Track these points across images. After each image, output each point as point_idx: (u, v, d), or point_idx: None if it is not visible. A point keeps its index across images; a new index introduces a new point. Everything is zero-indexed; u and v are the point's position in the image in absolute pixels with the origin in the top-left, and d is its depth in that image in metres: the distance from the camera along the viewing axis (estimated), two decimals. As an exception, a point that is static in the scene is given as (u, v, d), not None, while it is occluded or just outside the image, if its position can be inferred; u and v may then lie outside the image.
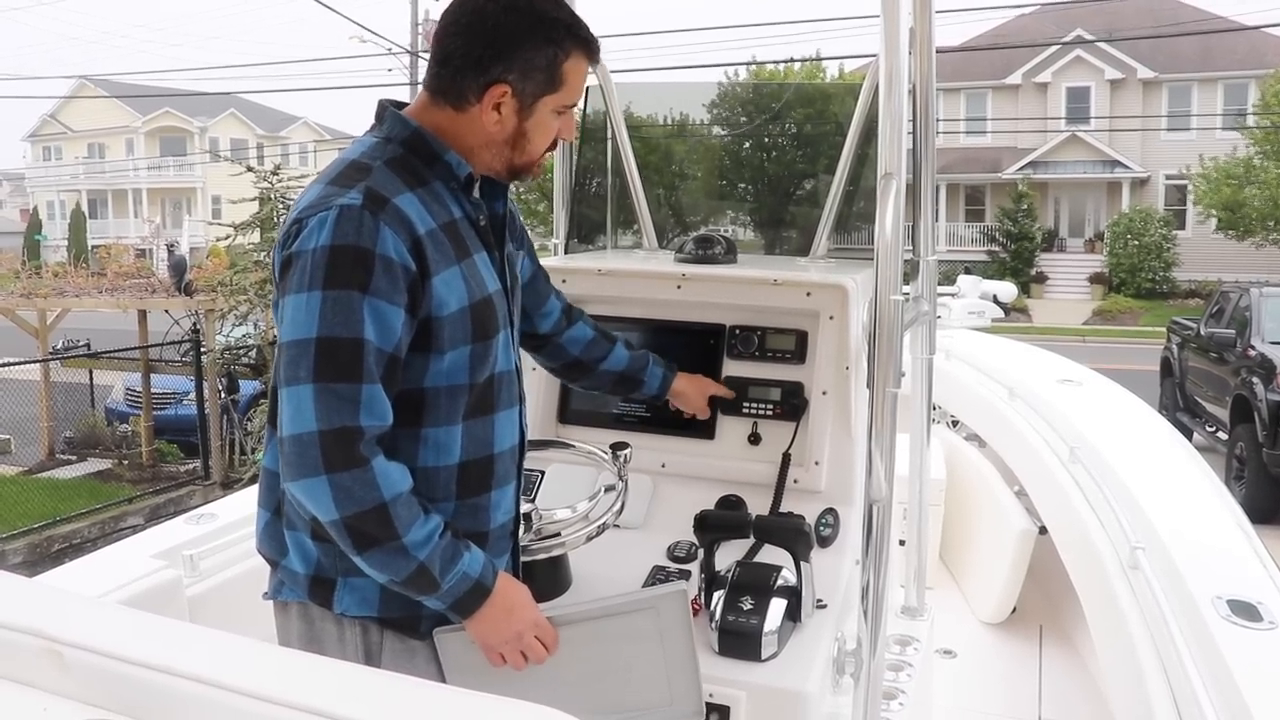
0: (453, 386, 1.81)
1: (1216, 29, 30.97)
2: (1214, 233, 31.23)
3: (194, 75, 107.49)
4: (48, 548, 10.88)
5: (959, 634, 3.71)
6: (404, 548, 1.68)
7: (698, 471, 2.57)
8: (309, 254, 1.67)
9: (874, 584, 2.00)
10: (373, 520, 1.65)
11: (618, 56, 20.75)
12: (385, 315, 1.67)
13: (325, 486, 1.64)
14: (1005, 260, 34.13)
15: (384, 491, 1.66)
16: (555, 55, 1.82)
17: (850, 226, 3.14)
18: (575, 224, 3.31)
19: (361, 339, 1.66)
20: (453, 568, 1.73)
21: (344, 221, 1.67)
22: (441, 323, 1.76)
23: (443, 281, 1.75)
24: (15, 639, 1.03)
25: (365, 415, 1.66)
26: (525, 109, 1.83)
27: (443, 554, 1.72)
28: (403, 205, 1.72)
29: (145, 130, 53.37)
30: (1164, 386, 14.61)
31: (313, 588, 1.81)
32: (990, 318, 6.65)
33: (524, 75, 1.81)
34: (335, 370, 1.65)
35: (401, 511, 1.67)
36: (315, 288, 1.66)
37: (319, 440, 1.64)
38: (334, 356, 1.65)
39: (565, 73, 1.84)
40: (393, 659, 1.81)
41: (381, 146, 1.82)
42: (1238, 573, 2.62)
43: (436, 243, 1.75)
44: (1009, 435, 3.97)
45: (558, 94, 1.85)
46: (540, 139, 1.88)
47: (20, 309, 14.96)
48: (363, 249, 1.66)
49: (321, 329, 1.65)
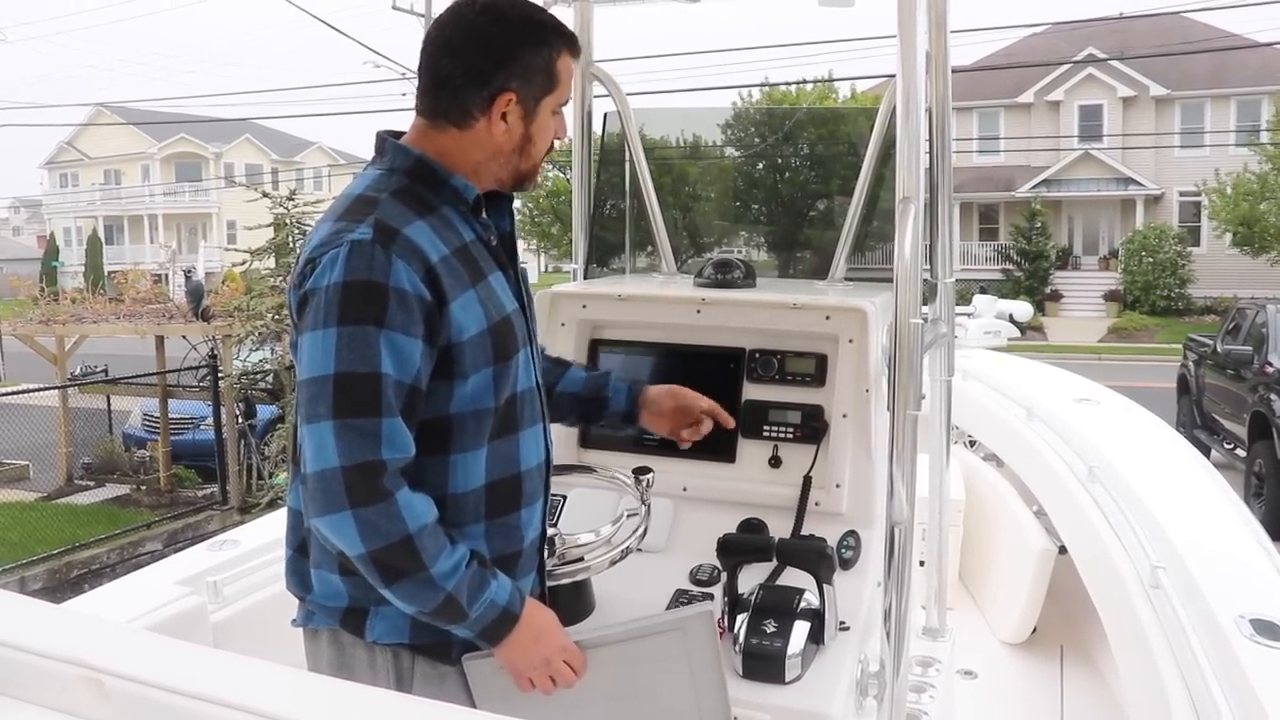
0: (479, 411, 1.82)
1: (1228, 46, 30.94)
2: (1229, 249, 31.13)
3: (209, 101, 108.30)
4: (67, 573, 10.92)
5: (980, 655, 3.69)
6: (431, 579, 1.68)
7: (719, 495, 2.57)
8: (323, 291, 1.69)
9: (896, 606, 2.01)
10: (399, 553, 1.66)
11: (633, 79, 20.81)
12: (402, 348, 1.68)
13: (351, 522, 1.65)
14: (1020, 279, 34.07)
15: (409, 524, 1.66)
16: (549, 55, 1.87)
17: (868, 247, 3.15)
18: (593, 247, 3.32)
19: (379, 373, 1.67)
20: (480, 596, 1.74)
21: (355, 257, 1.68)
22: (462, 348, 1.76)
23: (460, 307, 1.76)
24: (56, 668, 1.05)
25: (387, 449, 1.67)
26: (530, 113, 1.87)
27: (470, 583, 1.72)
28: (413, 235, 1.73)
29: (161, 156, 53.73)
30: (1181, 404, 14.55)
31: (345, 617, 1.82)
32: (1006, 337, 6.66)
33: (526, 80, 1.84)
34: (354, 406, 1.66)
35: (427, 543, 1.68)
36: (330, 324, 1.68)
37: (342, 476, 1.65)
38: (351, 392, 1.67)
39: (559, 71, 1.89)
40: (424, 685, 1.82)
41: (386, 178, 1.83)
42: (1260, 591, 2.61)
43: (450, 269, 1.76)
44: (1027, 455, 3.97)
45: (555, 93, 1.90)
46: (542, 142, 1.92)
47: (38, 335, 15.05)
48: (376, 283, 1.67)
49: (339, 365, 1.67)
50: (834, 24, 24.69)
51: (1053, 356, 20.86)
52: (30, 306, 15.86)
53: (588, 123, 3.23)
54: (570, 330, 2.78)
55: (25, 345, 15.37)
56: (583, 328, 2.80)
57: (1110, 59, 33.84)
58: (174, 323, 14.53)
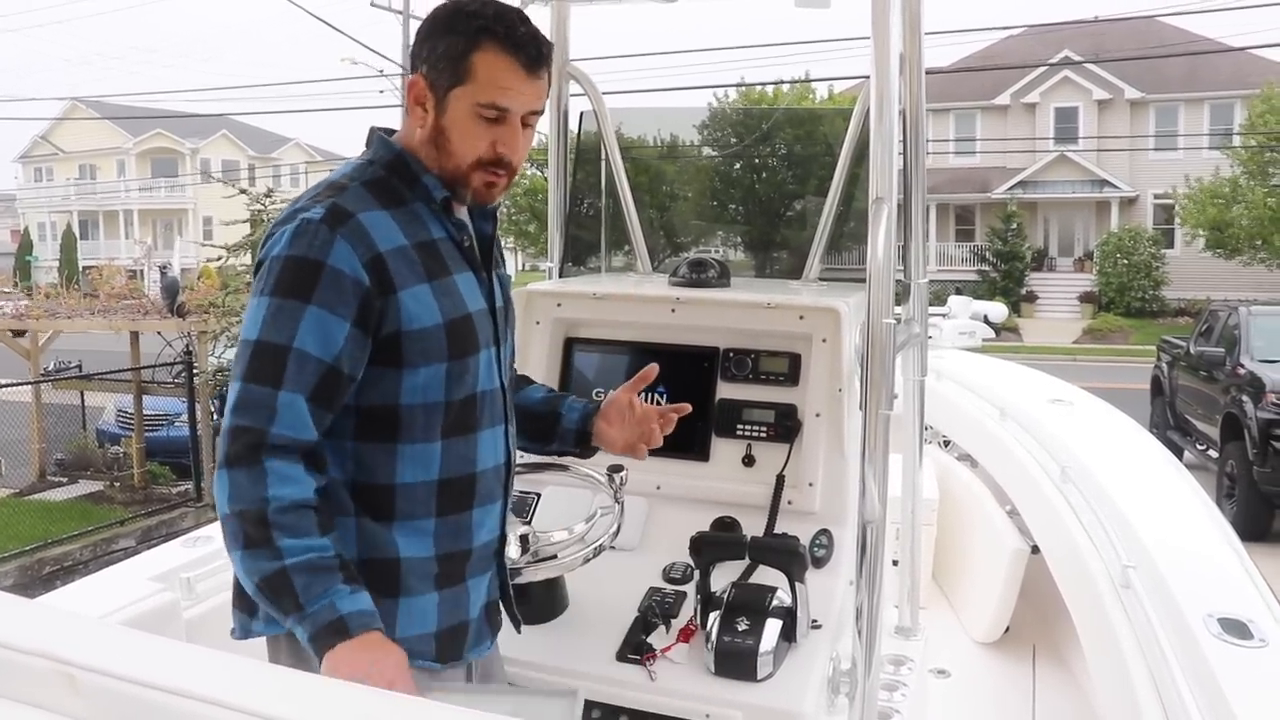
0: (429, 404, 1.82)
1: (1202, 50, 31.19)
2: (1202, 252, 31.37)
3: (186, 97, 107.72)
4: (39, 570, 10.84)
5: (953, 653, 3.71)
6: (276, 549, 1.64)
7: (693, 493, 2.59)
8: (269, 262, 1.75)
9: (868, 604, 2.02)
10: (253, 520, 1.65)
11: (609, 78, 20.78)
12: (327, 326, 1.71)
13: (224, 479, 1.68)
14: (995, 280, 34.24)
15: (269, 493, 1.65)
16: (460, 45, 1.80)
17: (843, 247, 3.17)
18: (569, 246, 3.33)
19: (291, 347, 1.70)
20: (323, 594, 1.63)
21: (302, 234, 1.73)
22: (411, 337, 1.78)
23: (411, 296, 1.77)
24: (27, 662, 1.04)
25: (274, 423, 1.69)
26: (439, 103, 1.83)
27: (317, 575, 1.64)
28: (366, 222, 1.75)
29: (137, 151, 53.40)
30: (1154, 405, 14.65)
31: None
32: (981, 338, 6.70)
33: (433, 66, 1.83)
34: (257, 373, 1.70)
35: (285, 520, 1.65)
36: (266, 294, 1.73)
37: (228, 435, 1.69)
38: (261, 359, 1.71)
39: (474, 64, 1.79)
40: None
41: (363, 168, 1.87)
42: (1228, 591, 2.64)
43: (406, 259, 1.78)
44: (1000, 455, 3.99)
45: (466, 86, 1.80)
46: (460, 141, 1.83)
47: (11, 330, 14.94)
48: (313, 260, 1.71)
49: (260, 333, 1.72)
50: (811, 24, 24.87)
51: (1028, 357, 20.98)
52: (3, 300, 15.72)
53: (564, 122, 3.24)
54: (545, 329, 2.78)
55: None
56: (557, 326, 2.80)
57: (1086, 62, 34.08)
58: (149, 319, 14.46)
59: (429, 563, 1.85)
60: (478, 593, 1.94)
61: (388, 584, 1.81)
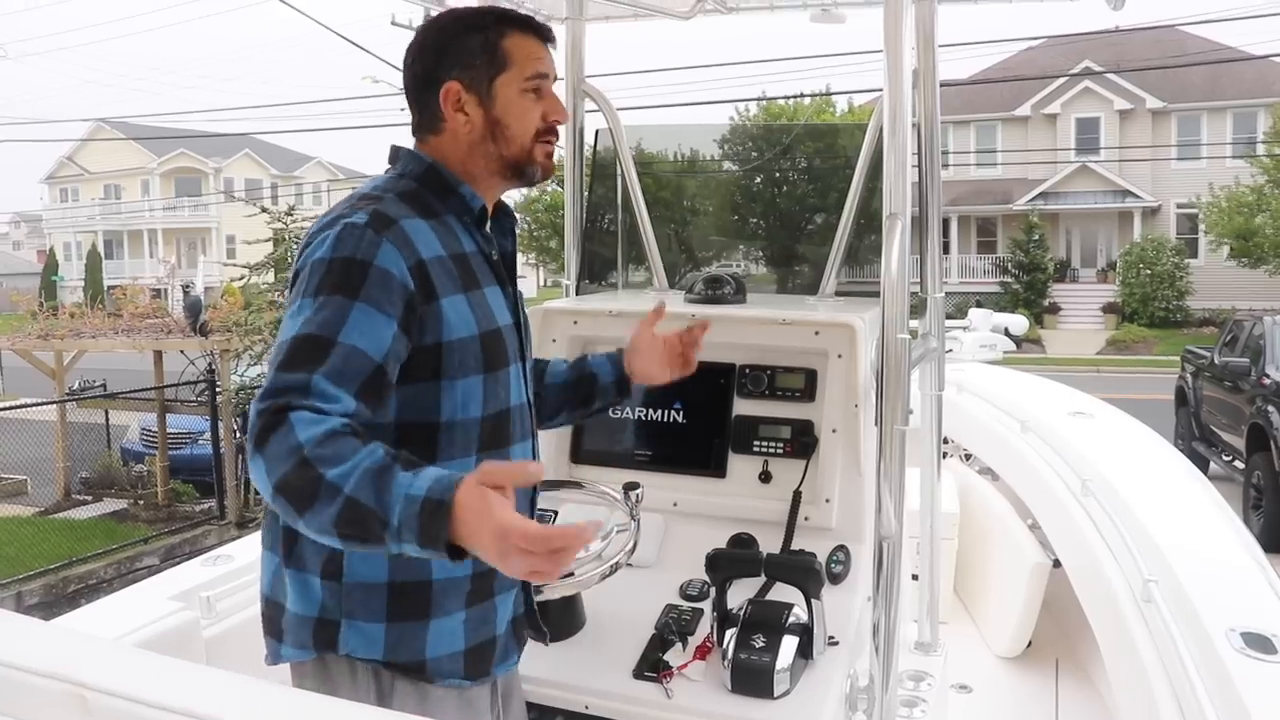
0: (467, 420, 1.82)
1: (1224, 59, 31.04)
2: (1226, 261, 31.19)
3: (209, 117, 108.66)
4: (64, 588, 10.90)
5: (974, 669, 3.69)
6: (330, 485, 1.49)
7: (709, 510, 2.58)
8: (310, 265, 1.72)
9: (885, 620, 2.01)
10: (297, 470, 1.52)
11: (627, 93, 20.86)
12: (375, 322, 1.67)
13: (258, 462, 1.56)
14: (1018, 291, 34.12)
15: (299, 434, 1.53)
16: (488, 37, 1.86)
17: (860, 260, 3.16)
18: (586, 262, 3.34)
19: (336, 340, 1.63)
20: (395, 496, 1.48)
21: (346, 236, 1.71)
22: (452, 347, 1.77)
23: (450, 305, 1.77)
24: (38, 683, 1.05)
25: (305, 397, 1.58)
26: (486, 97, 1.86)
27: (379, 480, 1.49)
28: (409, 228, 1.76)
29: (161, 171, 53.84)
30: (1179, 416, 14.54)
31: (317, 630, 1.80)
32: (1002, 350, 6.66)
33: (466, 66, 1.85)
34: (297, 360, 1.62)
35: (326, 452, 1.51)
36: (309, 294, 1.69)
37: (255, 419, 1.58)
38: (303, 348, 1.63)
39: (507, 50, 1.87)
40: (403, 702, 1.81)
41: (395, 181, 1.87)
42: (1252, 605, 2.62)
43: (444, 269, 1.78)
44: (1021, 468, 3.97)
45: (509, 71, 1.87)
46: (517, 122, 1.88)
47: (37, 350, 15.05)
48: (360, 260, 1.69)
49: (300, 329, 1.65)
50: (829, 39, 24.89)
51: (1051, 369, 20.89)
52: (29, 321, 15.84)
53: (580, 139, 3.25)
54: (561, 346, 2.79)
55: (24, 360, 15.36)
56: (574, 343, 2.81)
57: (1107, 72, 33.95)
58: (172, 338, 14.54)
59: (464, 581, 1.85)
60: (505, 608, 1.94)
61: (419, 607, 1.81)
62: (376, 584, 1.79)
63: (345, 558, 1.78)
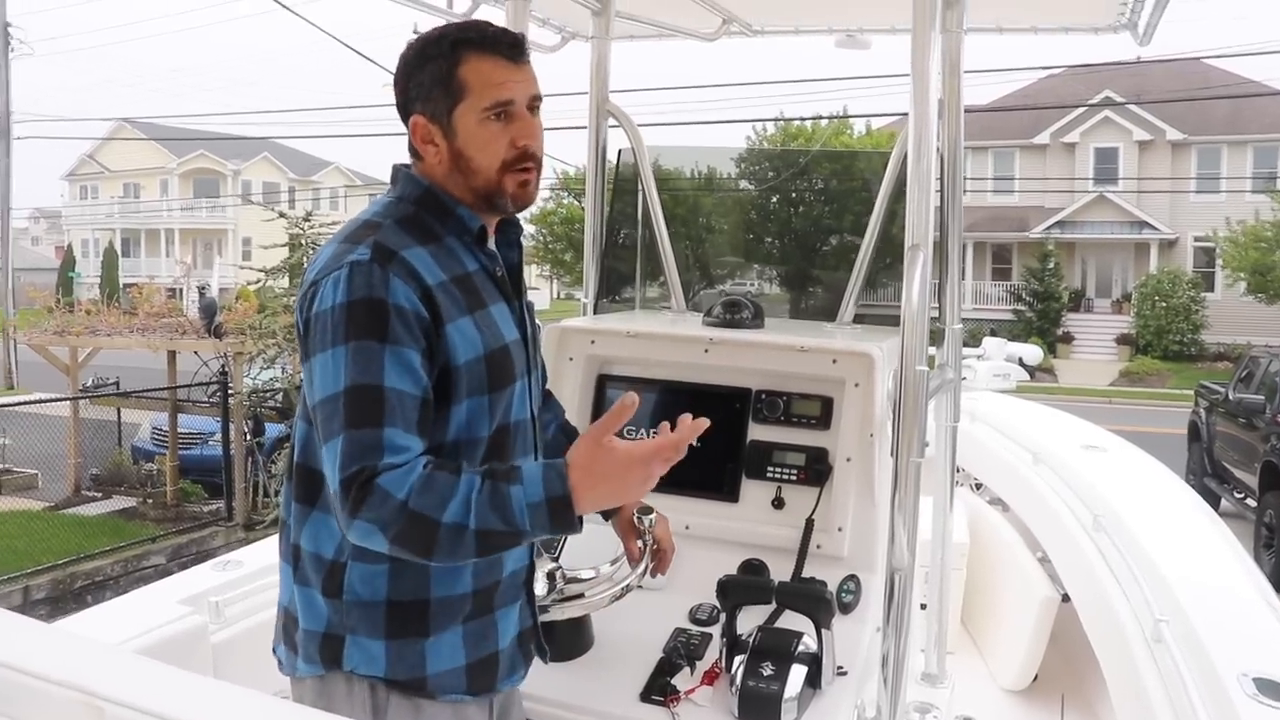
0: (472, 440, 1.83)
1: (1246, 93, 30.98)
2: (1243, 295, 31.07)
3: (229, 119, 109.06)
4: (71, 584, 10.92)
5: (980, 701, 3.67)
6: (451, 528, 1.62)
7: (721, 534, 2.58)
8: (328, 313, 1.72)
9: (894, 652, 2.01)
10: (409, 528, 1.62)
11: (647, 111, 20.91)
12: (407, 359, 1.70)
13: (361, 529, 1.64)
14: (1031, 320, 34.03)
15: (399, 498, 1.62)
16: (443, 67, 1.83)
17: (880, 284, 3.16)
18: (604, 278, 3.34)
19: (383, 386, 1.67)
20: (517, 509, 1.63)
21: (356, 276, 1.71)
22: (459, 372, 1.78)
23: (456, 330, 1.78)
24: (55, 692, 1.06)
25: (383, 456, 1.65)
26: (447, 129, 1.84)
27: (493, 506, 1.63)
28: (410, 258, 1.76)
29: (180, 172, 54.09)
30: (1192, 451, 14.47)
31: (324, 645, 1.82)
32: (1015, 380, 6.63)
33: (425, 99, 1.84)
34: (360, 417, 1.67)
35: (429, 500, 1.62)
36: (339, 343, 1.70)
37: (341, 490, 1.64)
38: (360, 404, 1.67)
39: (463, 78, 1.82)
40: (398, 717, 1.82)
41: (394, 206, 1.88)
42: (1264, 649, 2.60)
43: (448, 294, 1.78)
44: (1032, 500, 3.95)
45: (466, 100, 1.82)
46: (480, 151, 1.84)
47: (53, 345, 15.11)
48: (376, 299, 1.70)
49: (348, 380, 1.68)
50: (851, 61, 24.88)
51: (1063, 399, 20.83)
52: (46, 316, 15.90)
53: (602, 156, 3.25)
54: (578, 365, 2.79)
55: (39, 355, 15.43)
56: (590, 363, 2.81)
57: (1127, 103, 33.90)
58: (186, 338, 14.57)
59: (464, 599, 1.85)
60: (507, 623, 1.94)
61: (417, 624, 1.82)
62: (375, 602, 1.80)
63: (345, 577, 1.80)
